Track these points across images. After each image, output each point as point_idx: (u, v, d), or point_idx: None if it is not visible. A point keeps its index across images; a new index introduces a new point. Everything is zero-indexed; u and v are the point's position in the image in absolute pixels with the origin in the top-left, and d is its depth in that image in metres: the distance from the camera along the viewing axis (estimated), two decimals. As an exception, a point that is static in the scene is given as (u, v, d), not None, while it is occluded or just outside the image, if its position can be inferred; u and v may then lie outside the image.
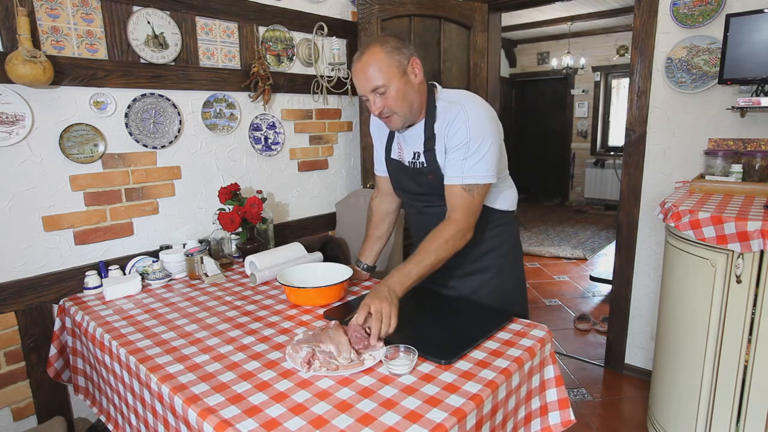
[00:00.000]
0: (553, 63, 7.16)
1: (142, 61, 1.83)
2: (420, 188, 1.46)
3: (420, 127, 1.40)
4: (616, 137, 7.26)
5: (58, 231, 1.70)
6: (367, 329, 1.17)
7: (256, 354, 1.18)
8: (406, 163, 1.47)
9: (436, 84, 1.44)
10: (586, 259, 4.78)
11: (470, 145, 1.30)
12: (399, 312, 1.20)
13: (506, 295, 1.54)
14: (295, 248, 1.86)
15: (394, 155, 1.52)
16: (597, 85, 7.14)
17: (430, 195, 1.44)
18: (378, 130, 1.59)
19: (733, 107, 1.98)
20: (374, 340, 1.14)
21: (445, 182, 1.35)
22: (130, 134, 1.83)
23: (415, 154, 1.43)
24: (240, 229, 1.98)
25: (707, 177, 2.04)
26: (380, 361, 1.09)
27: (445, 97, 1.39)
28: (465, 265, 1.51)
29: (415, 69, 1.33)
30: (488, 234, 1.49)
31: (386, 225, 1.71)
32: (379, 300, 1.18)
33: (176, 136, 1.97)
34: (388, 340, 1.16)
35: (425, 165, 1.40)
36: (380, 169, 1.64)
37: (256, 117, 2.26)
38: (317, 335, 1.13)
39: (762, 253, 1.53)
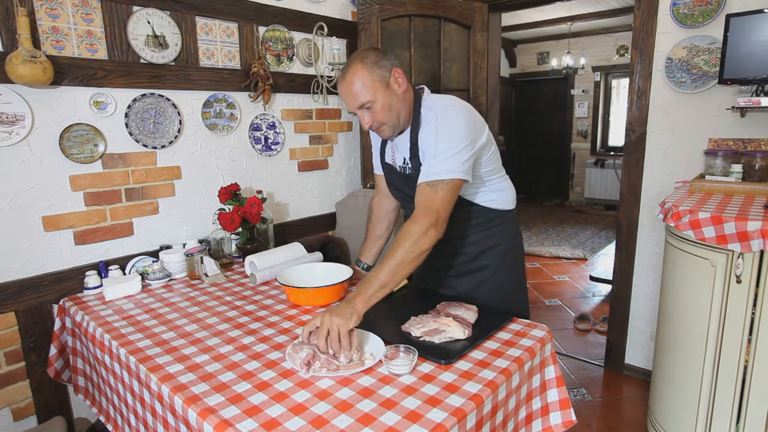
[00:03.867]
0: (553, 63, 7.16)
1: (142, 61, 1.83)
2: (412, 191, 1.46)
3: (408, 134, 1.43)
4: (616, 137, 7.25)
5: (58, 231, 1.70)
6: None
7: (256, 354, 1.18)
8: (398, 168, 1.50)
9: (424, 88, 1.45)
10: (586, 259, 4.78)
11: (438, 146, 1.29)
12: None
13: (506, 293, 1.55)
14: (295, 248, 1.86)
15: (387, 159, 1.56)
16: (597, 85, 7.13)
17: None
18: (375, 133, 1.60)
19: (733, 107, 1.98)
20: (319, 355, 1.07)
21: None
22: (130, 134, 1.83)
23: (404, 159, 1.47)
24: (240, 229, 1.98)
25: (707, 177, 2.03)
26: (380, 361, 1.09)
27: (427, 104, 1.39)
28: (463, 264, 1.53)
29: (398, 79, 1.34)
30: (485, 233, 1.50)
31: (386, 224, 1.71)
32: (330, 315, 1.09)
33: (176, 136, 1.97)
34: (387, 340, 1.16)
35: (412, 171, 1.43)
36: (379, 168, 1.66)
37: (256, 117, 2.26)
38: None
39: (762, 253, 1.53)
